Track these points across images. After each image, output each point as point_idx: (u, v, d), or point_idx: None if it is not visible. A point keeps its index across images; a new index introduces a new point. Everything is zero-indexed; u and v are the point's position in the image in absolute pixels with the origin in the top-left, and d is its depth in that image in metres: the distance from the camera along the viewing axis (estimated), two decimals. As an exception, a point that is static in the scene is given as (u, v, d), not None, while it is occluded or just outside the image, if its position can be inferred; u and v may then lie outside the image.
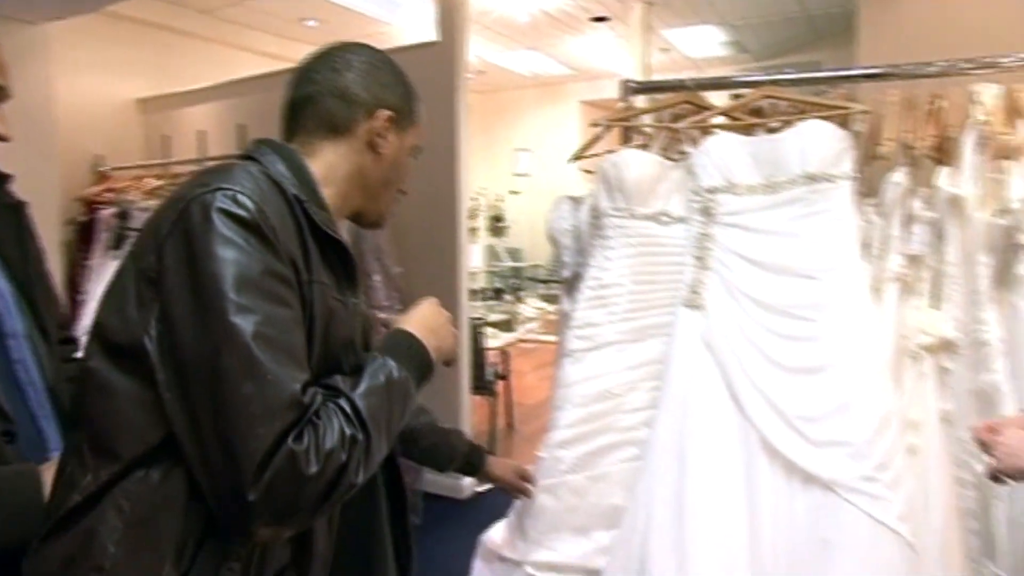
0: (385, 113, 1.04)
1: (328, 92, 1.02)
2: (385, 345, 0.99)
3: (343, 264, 0.98)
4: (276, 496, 0.77)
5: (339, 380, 0.90)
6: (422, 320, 1.05)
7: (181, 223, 0.83)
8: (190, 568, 0.82)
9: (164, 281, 0.82)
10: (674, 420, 1.65)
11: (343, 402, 0.86)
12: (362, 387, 0.89)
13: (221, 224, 0.82)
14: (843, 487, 1.46)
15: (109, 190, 4.40)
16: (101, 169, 4.65)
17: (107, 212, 4.32)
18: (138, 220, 4.15)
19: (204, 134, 4.36)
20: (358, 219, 1.10)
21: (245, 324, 0.79)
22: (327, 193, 1.00)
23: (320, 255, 0.93)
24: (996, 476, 1.14)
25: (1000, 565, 1.50)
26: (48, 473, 1.06)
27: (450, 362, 1.10)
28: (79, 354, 1.42)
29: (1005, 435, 1.13)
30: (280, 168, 0.96)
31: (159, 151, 4.62)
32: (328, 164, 1.02)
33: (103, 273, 4.21)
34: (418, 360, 0.99)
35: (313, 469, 0.79)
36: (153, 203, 4.17)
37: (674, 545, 1.54)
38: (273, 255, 0.84)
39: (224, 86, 4.60)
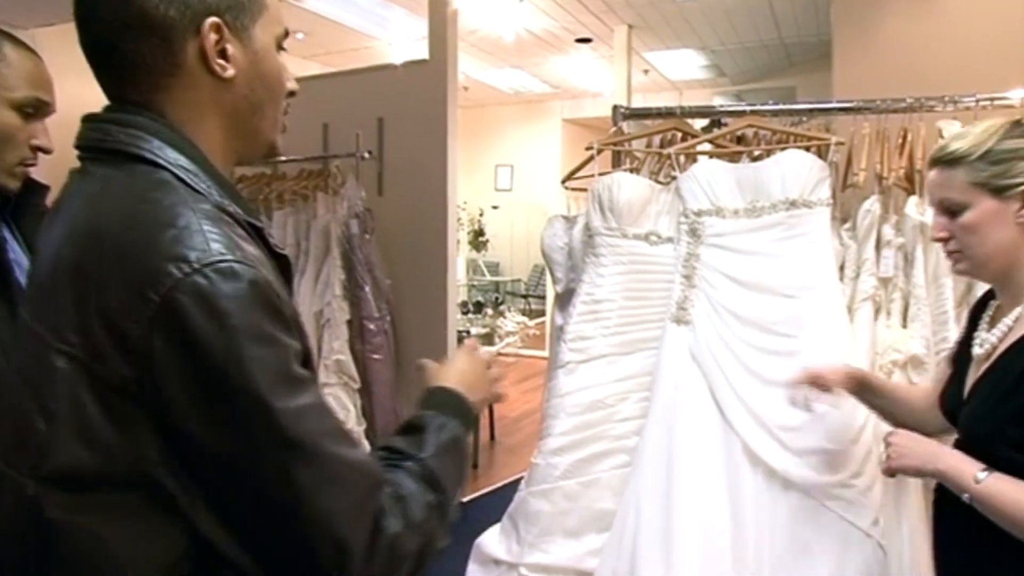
0: (210, 22, 0.75)
1: (124, 28, 0.74)
2: (434, 403, 0.92)
3: (285, 276, 0.79)
4: None
5: (401, 442, 0.83)
6: (461, 376, 0.97)
7: (173, 323, 0.64)
8: None
9: (159, 395, 0.65)
10: (662, 428, 1.75)
11: (415, 466, 0.80)
12: (430, 448, 0.82)
13: (238, 317, 0.65)
14: (820, 493, 1.57)
15: (97, 197, 4.42)
16: (88, 176, 4.67)
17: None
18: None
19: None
20: (246, 161, 0.87)
21: (304, 430, 0.67)
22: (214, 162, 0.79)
23: (277, 271, 0.77)
24: (891, 472, 1.26)
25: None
26: None
27: (497, 400, 1.07)
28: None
29: (898, 436, 1.25)
30: (184, 163, 0.74)
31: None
32: (180, 123, 0.77)
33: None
34: (465, 416, 0.92)
35: (412, 547, 0.74)
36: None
37: (662, 546, 1.64)
38: (286, 325, 0.69)
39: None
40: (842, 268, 1.92)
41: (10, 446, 0.70)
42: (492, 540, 1.91)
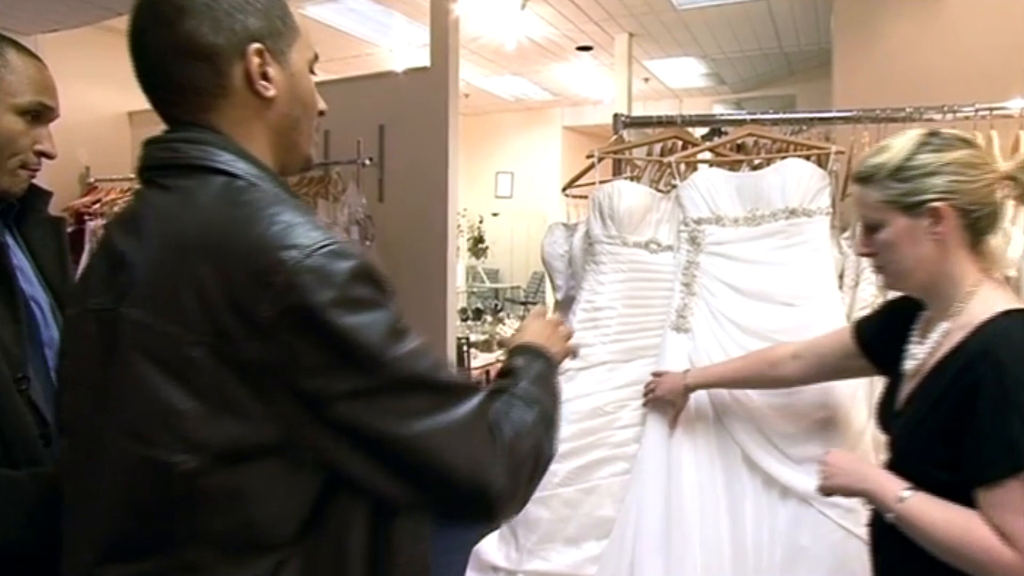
0: (254, 47, 0.84)
1: (173, 55, 0.82)
2: (519, 353, 1.01)
3: None
4: (513, 485, 0.83)
5: (496, 384, 0.94)
6: (536, 334, 1.07)
7: (296, 300, 0.73)
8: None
9: (295, 365, 0.74)
10: (662, 435, 1.76)
11: (516, 390, 0.91)
12: (524, 381, 0.93)
13: (351, 288, 0.75)
14: (819, 500, 1.57)
15: (98, 201, 4.44)
16: (90, 180, 4.68)
17: (95, 223, 4.35)
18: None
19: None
20: (285, 172, 0.95)
21: (413, 368, 0.79)
22: None
23: None
24: (825, 492, 1.27)
25: None
26: None
27: (573, 355, 1.19)
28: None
29: (831, 455, 1.27)
30: (255, 172, 0.84)
31: (149, 165, 4.66)
32: (234, 140, 0.86)
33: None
34: (548, 359, 1.02)
35: (526, 448, 0.85)
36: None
37: (662, 554, 1.64)
38: (387, 292, 0.81)
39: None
40: (841, 276, 1.92)
41: (154, 429, 0.76)
42: (491, 547, 1.91)
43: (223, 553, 0.77)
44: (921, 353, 1.20)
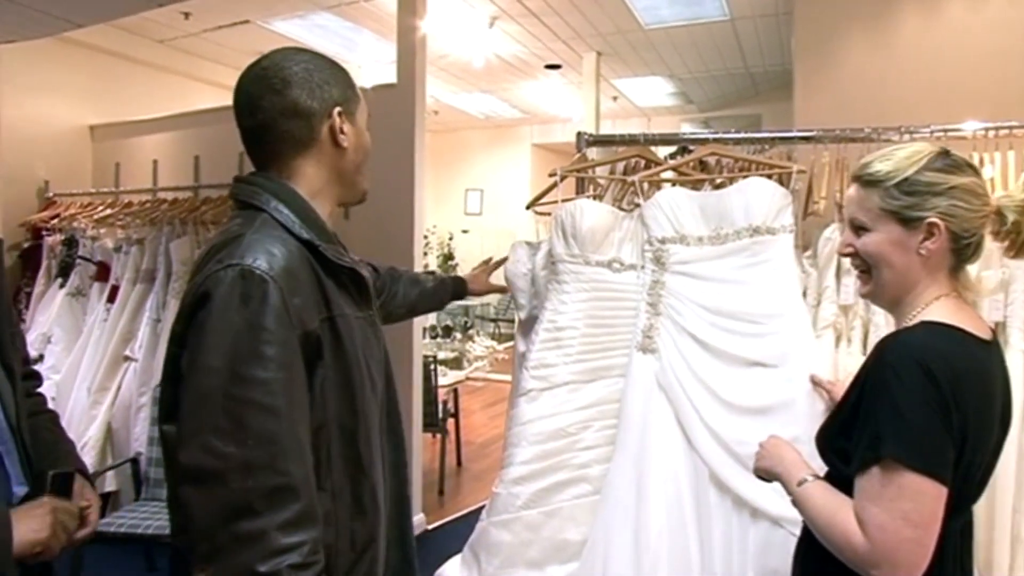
0: (336, 110, 1.13)
1: (280, 114, 1.09)
2: None
3: (356, 284, 1.14)
4: None
5: None
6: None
7: (203, 295, 0.96)
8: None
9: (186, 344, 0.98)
10: (631, 457, 1.73)
11: None
12: None
13: (247, 305, 0.95)
14: (789, 521, 1.55)
15: (56, 216, 4.32)
16: (48, 195, 4.56)
17: (53, 239, 4.23)
18: (86, 248, 4.08)
19: (157, 163, 4.34)
20: (344, 204, 1.24)
21: (245, 396, 0.94)
22: (318, 205, 1.14)
23: (336, 286, 1.09)
24: (757, 473, 1.33)
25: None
26: (21, 516, 1.07)
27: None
28: (41, 388, 1.42)
29: (765, 440, 1.32)
30: (286, 212, 1.08)
31: (111, 179, 4.56)
32: (309, 179, 1.13)
33: (47, 301, 4.10)
34: None
35: None
36: (104, 231, 4.11)
37: (632, 574, 1.61)
38: (283, 324, 0.97)
39: (178, 116, 4.59)
40: (804, 295, 1.93)
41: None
42: (453, 571, 1.86)
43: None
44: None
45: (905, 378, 1.02)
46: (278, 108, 1.09)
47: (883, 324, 1.83)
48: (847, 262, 1.87)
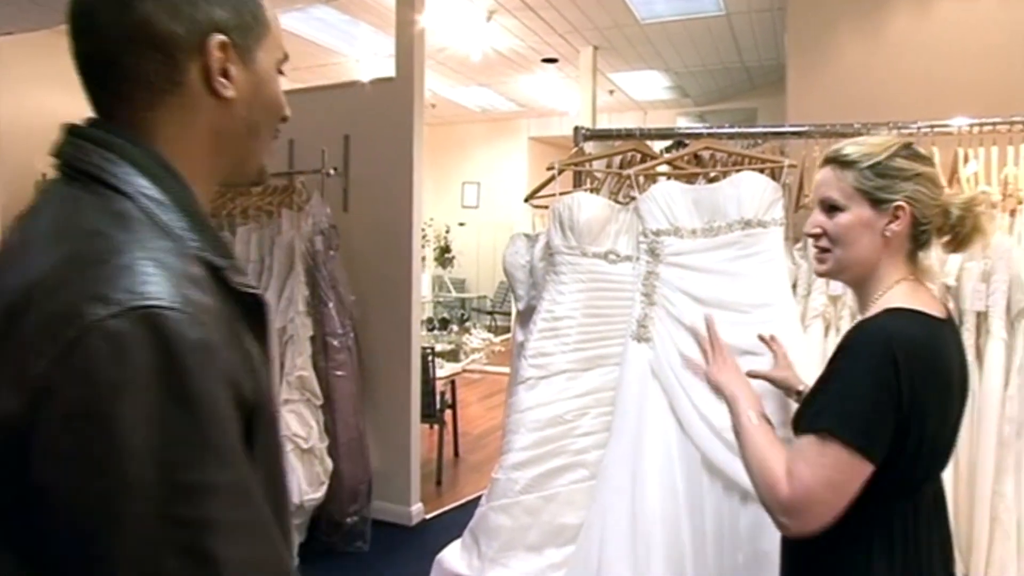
0: (216, 40, 0.73)
1: (123, 40, 0.70)
2: None
3: (257, 315, 0.75)
4: None
5: None
6: None
7: (77, 366, 0.56)
8: None
9: (32, 433, 0.56)
10: (626, 443, 1.78)
11: None
12: None
13: (151, 377, 0.57)
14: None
15: (55, 210, 4.35)
16: (46, 189, 4.59)
17: (52, 233, 4.25)
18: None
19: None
20: (231, 184, 0.84)
21: (186, 516, 0.58)
22: (195, 185, 0.74)
23: (240, 316, 0.71)
24: (708, 378, 1.51)
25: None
26: None
27: None
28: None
29: (730, 360, 1.51)
30: (160, 200, 0.69)
31: (108, 173, 4.58)
32: (170, 142, 0.73)
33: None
34: None
35: None
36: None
37: (627, 561, 1.67)
38: (208, 395, 0.60)
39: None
40: (794, 286, 1.98)
41: None
42: (453, 555, 1.92)
43: None
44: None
45: (864, 360, 1.10)
46: (122, 31, 0.70)
47: (871, 314, 1.88)
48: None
